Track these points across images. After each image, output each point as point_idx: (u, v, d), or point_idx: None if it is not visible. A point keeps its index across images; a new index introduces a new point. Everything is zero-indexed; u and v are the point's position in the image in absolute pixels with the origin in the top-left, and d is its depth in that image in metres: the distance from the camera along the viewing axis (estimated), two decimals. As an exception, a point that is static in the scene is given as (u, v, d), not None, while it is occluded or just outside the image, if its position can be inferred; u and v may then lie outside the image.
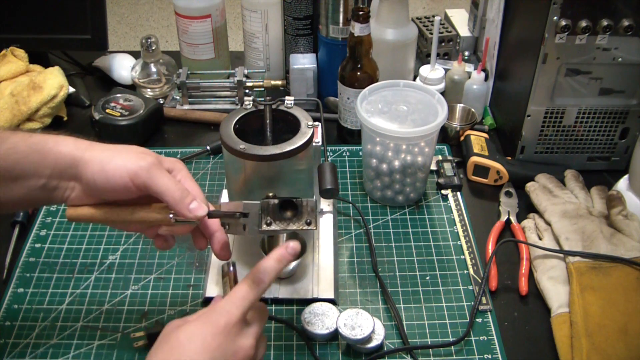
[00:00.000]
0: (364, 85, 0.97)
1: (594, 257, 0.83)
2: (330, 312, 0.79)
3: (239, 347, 0.60)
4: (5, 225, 0.93)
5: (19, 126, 1.09)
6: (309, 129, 0.78)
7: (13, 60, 1.15)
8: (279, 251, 0.64)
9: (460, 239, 0.92)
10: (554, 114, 0.99)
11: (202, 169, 1.06)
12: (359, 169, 1.05)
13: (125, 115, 1.08)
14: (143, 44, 1.19)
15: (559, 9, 0.88)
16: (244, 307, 0.61)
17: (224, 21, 1.22)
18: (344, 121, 1.09)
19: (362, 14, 0.97)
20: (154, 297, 0.84)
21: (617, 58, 0.92)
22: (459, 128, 1.09)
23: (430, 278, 0.87)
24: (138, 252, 0.90)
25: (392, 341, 0.79)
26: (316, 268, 0.86)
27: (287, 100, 0.82)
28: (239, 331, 0.60)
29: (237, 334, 0.60)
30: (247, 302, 0.61)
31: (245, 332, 0.61)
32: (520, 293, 0.85)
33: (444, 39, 1.28)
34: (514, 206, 0.96)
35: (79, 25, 1.16)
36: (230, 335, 0.59)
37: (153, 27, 3.22)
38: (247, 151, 0.74)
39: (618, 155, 1.03)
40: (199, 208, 0.64)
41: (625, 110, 0.98)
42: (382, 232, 0.94)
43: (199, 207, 0.64)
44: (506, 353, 0.77)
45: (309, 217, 0.70)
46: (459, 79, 1.16)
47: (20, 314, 0.81)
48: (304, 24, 1.15)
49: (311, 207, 0.70)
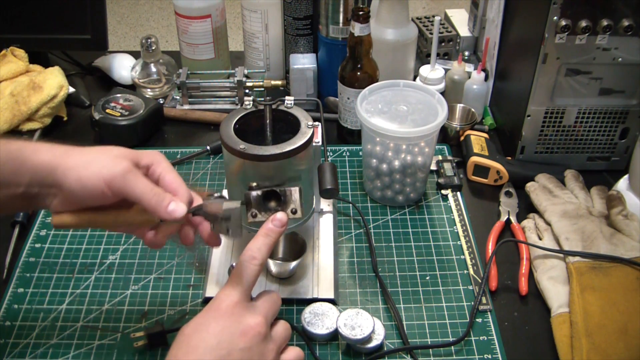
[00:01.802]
0: (364, 85, 0.97)
1: (594, 257, 0.83)
2: (330, 312, 0.79)
3: (247, 325, 0.59)
4: (5, 225, 0.93)
5: (19, 126, 1.10)
6: (309, 129, 0.78)
7: (13, 60, 1.15)
8: (266, 225, 0.64)
9: (460, 239, 0.92)
10: (554, 114, 0.99)
11: (202, 169, 1.06)
12: (359, 169, 1.05)
13: (125, 115, 1.08)
14: (143, 44, 1.19)
15: (559, 9, 0.88)
16: (243, 287, 0.60)
17: (224, 21, 1.22)
18: (344, 121, 1.09)
19: (362, 14, 0.97)
20: (154, 297, 0.84)
21: (617, 58, 0.92)
22: (459, 128, 1.09)
23: (430, 278, 0.87)
24: (138, 252, 0.90)
25: (392, 341, 0.79)
26: (316, 268, 0.86)
27: (287, 100, 0.82)
28: (243, 310, 0.60)
29: (242, 313, 0.59)
30: (244, 281, 0.61)
31: (251, 311, 0.60)
32: (520, 293, 0.85)
33: (444, 39, 1.28)
34: (514, 206, 0.96)
35: (79, 25, 1.16)
36: (234, 315, 0.59)
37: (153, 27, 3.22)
38: (247, 151, 0.74)
39: (618, 155, 1.03)
40: (177, 209, 0.62)
41: (625, 110, 0.98)
42: (382, 232, 0.94)
43: (177, 209, 0.62)
44: (506, 353, 0.77)
45: (294, 206, 0.70)
46: (459, 79, 1.16)
47: (20, 314, 0.81)
48: (304, 24, 1.15)
49: (295, 196, 0.70)
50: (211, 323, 0.58)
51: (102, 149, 0.66)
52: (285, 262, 0.84)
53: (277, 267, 0.83)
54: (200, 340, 0.58)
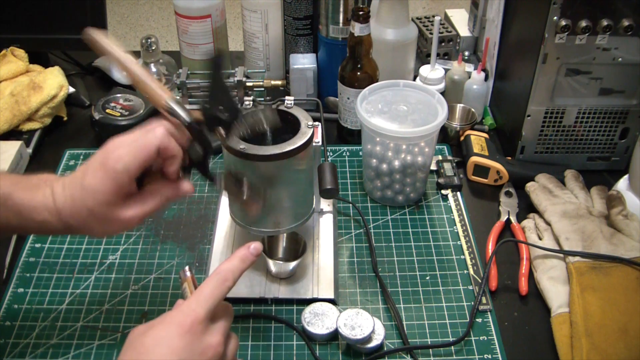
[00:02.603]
0: (364, 85, 0.97)
1: (594, 257, 0.83)
2: (330, 312, 0.79)
3: (207, 344, 0.58)
4: (5, 225, 0.93)
5: (19, 126, 1.10)
6: (309, 129, 0.78)
7: (13, 60, 1.15)
8: (242, 251, 0.64)
9: (460, 239, 0.92)
10: (554, 114, 0.99)
11: (202, 169, 1.06)
12: (359, 169, 1.05)
13: (125, 115, 1.08)
14: (143, 44, 1.19)
15: (559, 9, 0.88)
16: (209, 306, 0.59)
17: (224, 21, 1.22)
18: (344, 121, 1.09)
19: (362, 14, 0.97)
20: (154, 297, 0.84)
21: (617, 58, 0.92)
22: (459, 128, 1.09)
23: (430, 278, 0.87)
24: (138, 252, 0.90)
25: (392, 341, 0.79)
26: (316, 268, 0.86)
27: (287, 100, 0.82)
28: (205, 329, 0.59)
29: (204, 332, 0.59)
30: (212, 301, 0.60)
31: (212, 330, 0.60)
32: (520, 293, 0.85)
33: (444, 39, 1.28)
34: (514, 206, 0.96)
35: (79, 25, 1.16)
36: (196, 334, 0.58)
37: (153, 27, 3.22)
38: (247, 151, 0.74)
39: (618, 155, 1.03)
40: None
41: (625, 110, 0.98)
42: (382, 232, 0.94)
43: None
44: (506, 353, 0.77)
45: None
46: (459, 79, 1.16)
47: (20, 314, 0.81)
48: (304, 24, 1.15)
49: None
50: (174, 338, 0.57)
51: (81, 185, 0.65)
52: (285, 262, 0.84)
53: (277, 267, 0.83)
54: (160, 355, 0.56)
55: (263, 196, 0.74)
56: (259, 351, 0.77)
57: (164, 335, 0.57)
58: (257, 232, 0.82)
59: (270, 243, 0.86)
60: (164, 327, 0.58)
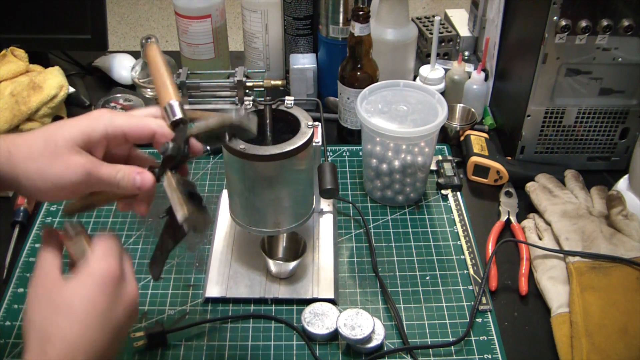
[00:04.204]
0: (364, 85, 0.97)
1: (594, 257, 0.83)
2: (330, 312, 0.79)
3: (126, 294, 0.58)
4: (5, 225, 0.93)
5: (19, 126, 1.09)
6: (309, 129, 0.78)
7: (13, 60, 1.15)
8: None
9: (460, 239, 0.92)
10: (554, 114, 0.99)
11: (202, 169, 1.06)
12: (359, 169, 1.05)
13: (125, 115, 1.08)
14: (143, 44, 1.19)
15: (559, 9, 0.88)
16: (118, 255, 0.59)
17: (224, 21, 1.22)
18: (344, 121, 1.09)
19: (362, 14, 0.97)
20: (154, 297, 0.84)
21: (617, 58, 0.92)
22: (459, 128, 1.09)
23: (430, 278, 0.87)
24: (138, 252, 0.90)
25: (392, 341, 0.79)
26: (316, 268, 0.86)
27: (287, 100, 0.82)
28: (121, 280, 0.58)
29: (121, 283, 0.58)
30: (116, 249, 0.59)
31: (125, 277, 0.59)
32: (520, 293, 0.85)
33: (444, 39, 1.28)
34: (514, 206, 0.96)
35: (79, 25, 1.16)
36: (116, 286, 0.57)
37: (153, 27, 3.22)
38: (247, 151, 0.74)
39: (618, 155, 1.03)
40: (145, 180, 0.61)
41: (625, 110, 0.98)
42: (382, 232, 0.94)
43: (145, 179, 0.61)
44: (506, 353, 0.77)
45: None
46: (459, 79, 1.16)
47: (20, 314, 0.81)
48: (304, 24, 1.15)
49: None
50: (97, 296, 0.56)
51: (47, 147, 0.60)
52: (285, 262, 0.84)
53: (277, 267, 0.83)
54: (85, 314, 0.55)
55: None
56: (259, 351, 0.77)
57: (86, 294, 0.56)
58: (257, 232, 0.82)
59: (270, 243, 0.86)
60: (83, 283, 0.57)
